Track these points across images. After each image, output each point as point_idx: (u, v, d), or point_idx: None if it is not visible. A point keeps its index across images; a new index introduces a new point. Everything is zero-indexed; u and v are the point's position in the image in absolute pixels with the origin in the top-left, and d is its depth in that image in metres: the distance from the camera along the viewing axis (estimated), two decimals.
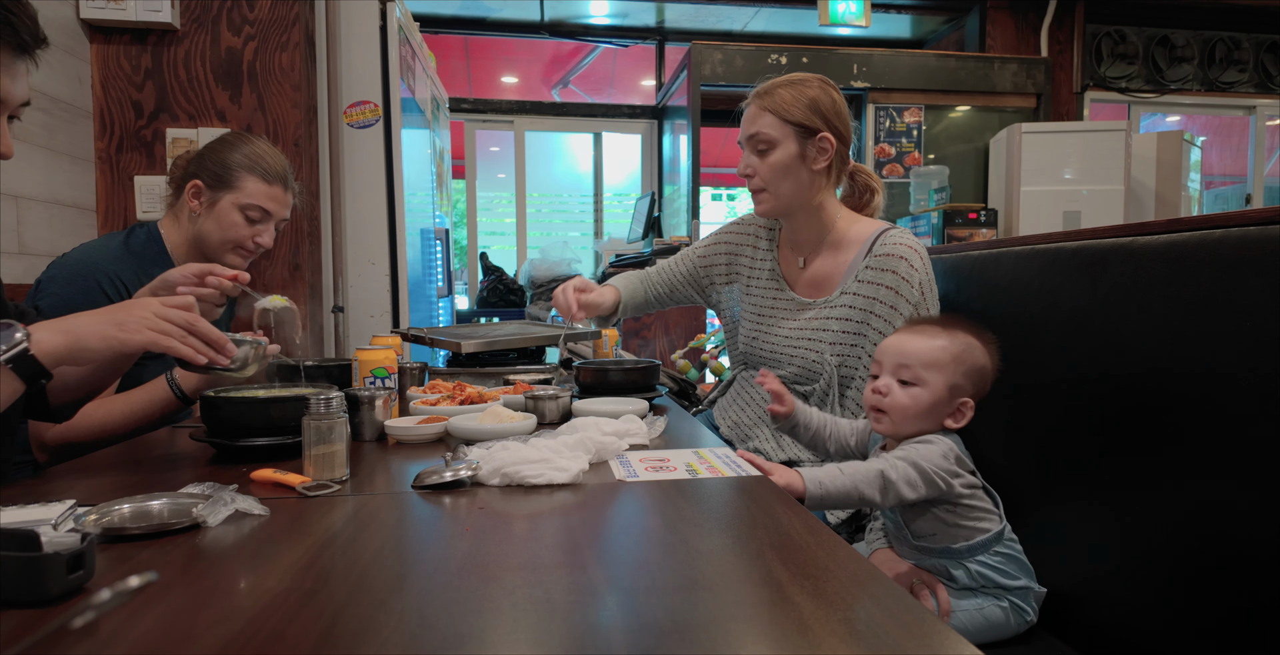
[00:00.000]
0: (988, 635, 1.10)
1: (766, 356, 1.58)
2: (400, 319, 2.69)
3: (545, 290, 4.44)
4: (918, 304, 1.37)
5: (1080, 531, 1.13)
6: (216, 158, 1.58)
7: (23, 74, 0.99)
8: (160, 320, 0.99)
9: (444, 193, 3.79)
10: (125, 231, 1.61)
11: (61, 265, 1.48)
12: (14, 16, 0.95)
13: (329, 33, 2.52)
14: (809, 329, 1.49)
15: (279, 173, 1.61)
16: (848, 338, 1.44)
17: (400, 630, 0.54)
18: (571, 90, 6.05)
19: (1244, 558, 0.88)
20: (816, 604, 0.59)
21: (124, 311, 0.98)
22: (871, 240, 1.45)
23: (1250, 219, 0.91)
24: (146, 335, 0.97)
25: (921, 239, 4.20)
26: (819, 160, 1.46)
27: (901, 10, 4.97)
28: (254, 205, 1.57)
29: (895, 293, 1.38)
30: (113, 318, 0.97)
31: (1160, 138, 4.42)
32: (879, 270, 1.41)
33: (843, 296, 1.46)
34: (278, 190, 1.60)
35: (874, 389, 1.16)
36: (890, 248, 1.41)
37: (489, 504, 0.87)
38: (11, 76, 0.97)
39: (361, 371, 1.45)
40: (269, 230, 1.62)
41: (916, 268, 1.39)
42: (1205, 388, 0.93)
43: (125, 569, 0.66)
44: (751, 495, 0.90)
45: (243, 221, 1.57)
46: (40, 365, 0.93)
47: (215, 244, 1.59)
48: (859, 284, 1.44)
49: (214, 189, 1.57)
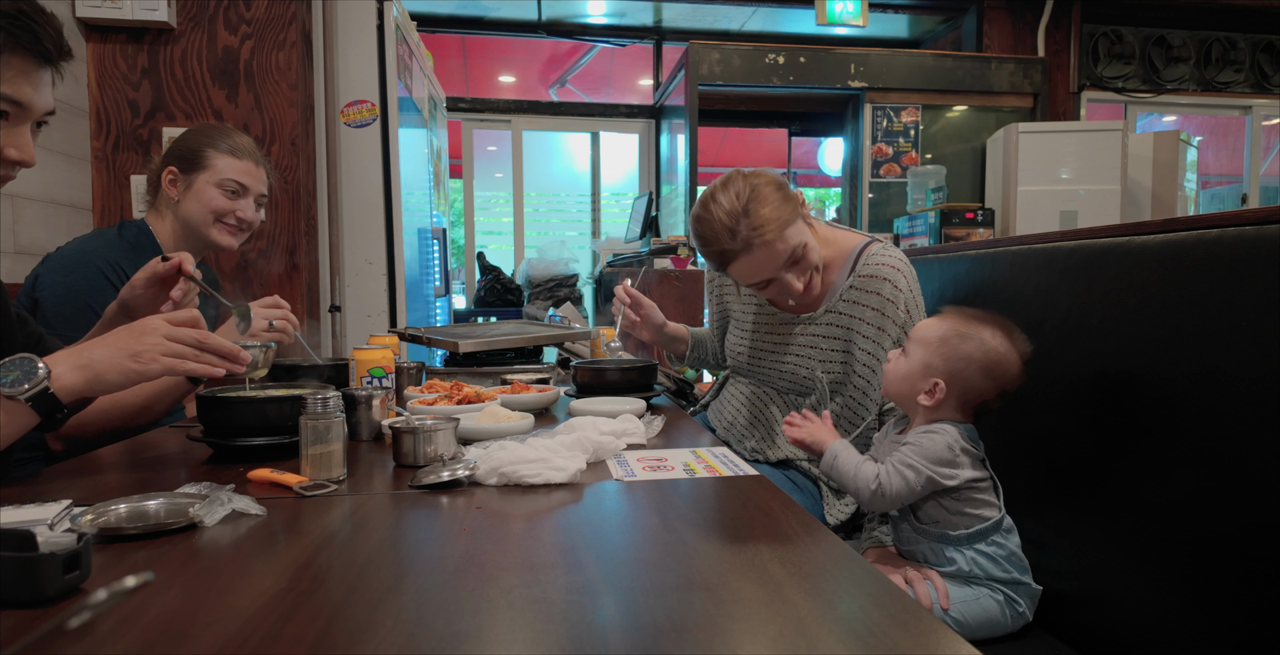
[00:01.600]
0: (983, 629, 1.10)
1: (756, 370, 1.58)
2: (397, 318, 2.69)
3: (542, 289, 4.44)
4: (904, 324, 1.36)
5: (1076, 530, 1.13)
6: (185, 144, 1.66)
7: (46, 83, 1.01)
8: (172, 344, 0.99)
9: (441, 192, 3.79)
10: (115, 227, 1.66)
11: (59, 257, 1.52)
12: (38, 26, 0.96)
13: (326, 32, 2.52)
14: (797, 345, 1.49)
15: (247, 149, 1.68)
16: (836, 355, 1.44)
17: (397, 630, 0.54)
18: (569, 90, 6.04)
19: (1240, 556, 0.88)
20: (814, 603, 0.59)
21: (135, 339, 0.99)
22: (854, 258, 1.44)
23: (1246, 219, 0.91)
24: (163, 363, 0.98)
25: (918, 239, 4.23)
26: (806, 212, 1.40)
27: (899, 10, 4.97)
28: (229, 180, 1.64)
29: (881, 314, 1.37)
30: (127, 348, 0.98)
31: (1156, 138, 4.43)
32: (863, 291, 1.40)
33: (828, 315, 1.45)
34: (248, 164, 1.67)
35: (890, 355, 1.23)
36: (874, 268, 1.39)
37: (486, 504, 0.87)
38: (35, 86, 0.99)
39: (359, 371, 1.45)
40: (249, 204, 1.68)
41: (901, 288, 1.37)
42: (1202, 387, 0.94)
43: (122, 569, 0.66)
44: (749, 495, 0.90)
45: (222, 195, 1.64)
46: (58, 401, 0.94)
47: (199, 221, 1.64)
48: (844, 304, 1.43)
49: (188, 172, 1.64)
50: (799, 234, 1.35)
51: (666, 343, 1.77)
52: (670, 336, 1.75)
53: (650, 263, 3.63)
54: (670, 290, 3.52)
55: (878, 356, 1.38)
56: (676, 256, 3.68)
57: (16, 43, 0.94)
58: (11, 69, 0.95)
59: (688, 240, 3.82)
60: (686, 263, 3.69)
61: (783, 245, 1.33)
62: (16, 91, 0.96)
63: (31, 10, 0.96)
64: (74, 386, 0.95)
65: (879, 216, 4.58)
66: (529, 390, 1.48)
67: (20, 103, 0.97)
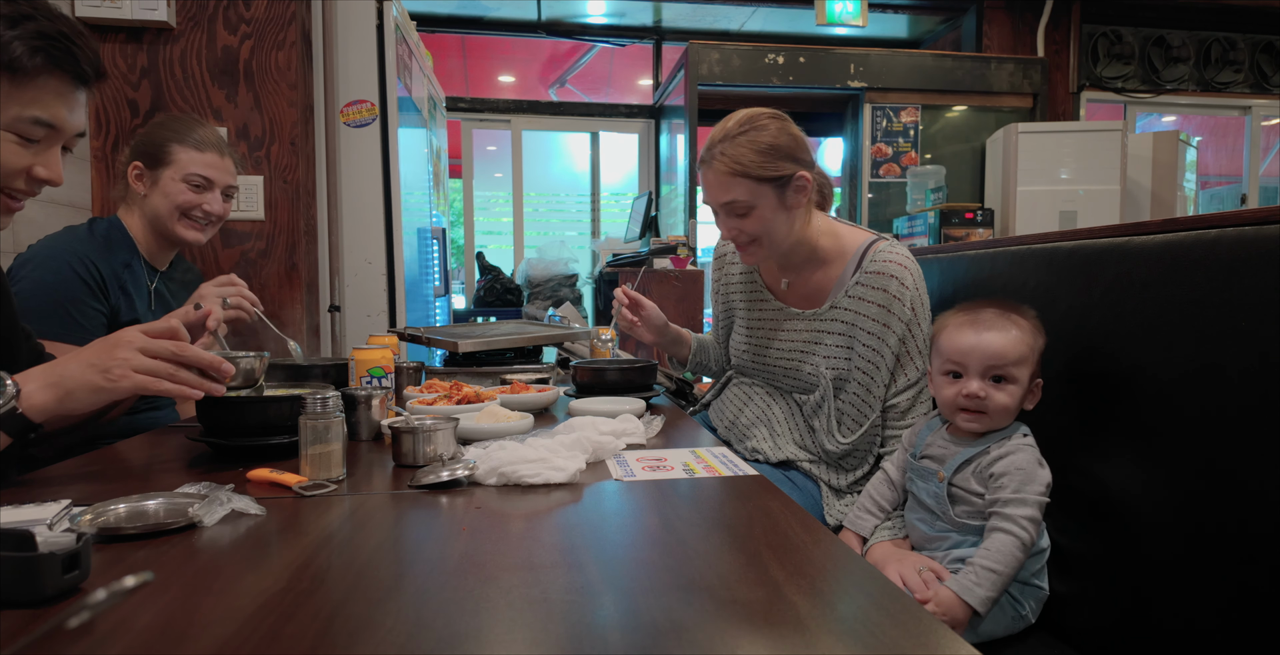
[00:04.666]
0: (986, 632, 1.09)
1: (758, 367, 1.57)
2: (397, 318, 2.69)
3: (542, 289, 4.43)
4: (910, 322, 1.36)
5: (1076, 530, 1.13)
6: (149, 139, 1.67)
7: (81, 105, 1.00)
8: (145, 358, 0.93)
9: (441, 192, 3.79)
10: (86, 223, 1.67)
11: (30, 253, 1.53)
12: (77, 48, 0.95)
13: (325, 31, 2.51)
14: (801, 341, 1.49)
15: (211, 141, 1.68)
16: (840, 351, 1.43)
17: (397, 630, 0.54)
18: (568, 90, 6.04)
19: (1240, 557, 0.88)
20: (813, 603, 0.59)
21: (107, 354, 0.94)
22: (860, 254, 1.43)
23: (1245, 219, 0.91)
24: (134, 380, 0.92)
25: (918, 238, 4.23)
26: (799, 199, 1.40)
27: (898, 10, 4.97)
28: (193, 174, 1.64)
29: (887, 310, 1.37)
30: (98, 363, 0.93)
31: (1156, 138, 4.43)
32: (870, 287, 1.39)
33: (833, 310, 1.44)
34: (212, 157, 1.67)
35: (967, 393, 1.12)
36: (881, 265, 1.39)
37: (486, 503, 0.87)
38: (70, 107, 0.98)
39: (358, 371, 1.45)
40: (215, 197, 1.68)
41: (908, 286, 1.36)
42: (1201, 387, 0.94)
43: (121, 569, 0.66)
44: (748, 495, 0.90)
45: (186, 189, 1.64)
46: (29, 421, 0.90)
47: (165, 215, 1.64)
48: (849, 299, 1.42)
49: (152, 168, 1.65)
50: (749, 193, 1.36)
51: (668, 345, 1.76)
52: (673, 338, 1.74)
53: (650, 263, 3.63)
54: (670, 290, 3.52)
55: (881, 353, 1.37)
56: (676, 256, 3.67)
57: (56, 64, 0.94)
58: (48, 91, 0.95)
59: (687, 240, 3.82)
60: (686, 263, 3.69)
61: (731, 187, 1.36)
62: (53, 114, 0.96)
63: (71, 32, 0.95)
64: (44, 405, 0.91)
65: (878, 216, 4.58)
66: (528, 390, 1.48)
67: (54, 125, 0.97)
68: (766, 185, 1.36)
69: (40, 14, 0.93)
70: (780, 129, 1.37)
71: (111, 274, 1.55)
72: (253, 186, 2.35)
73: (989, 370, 1.12)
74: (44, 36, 0.92)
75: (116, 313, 1.54)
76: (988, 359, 1.12)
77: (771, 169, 1.35)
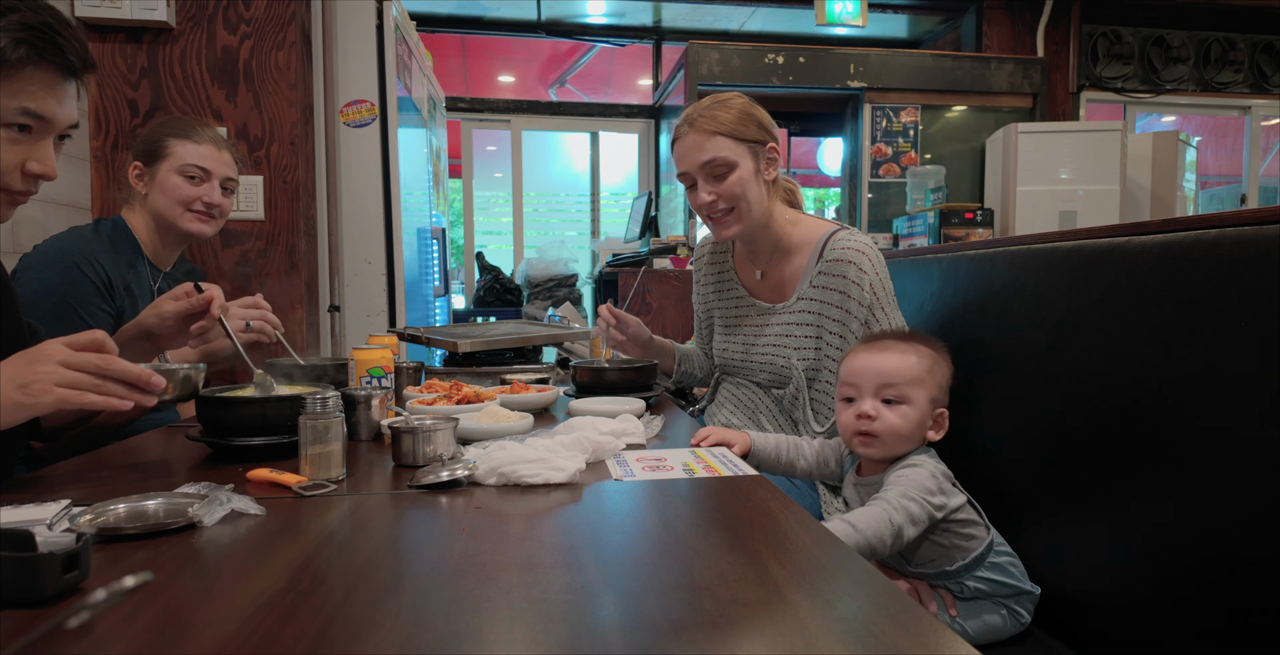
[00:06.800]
0: (985, 637, 1.10)
1: (739, 365, 1.60)
2: (397, 318, 2.69)
3: (542, 289, 4.43)
4: (871, 306, 1.38)
5: (1076, 532, 1.13)
6: (147, 137, 1.69)
7: (70, 96, 1.00)
8: (67, 371, 0.88)
9: (440, 192, 3.79)
10: (92, 223, 1.67)
11: (37, 254, 1.53)
12: (63, 39, 0.95)
13: (325, 31, 2.51)
14: (774, 335, 1.52)
15: (207, 135, 1.69)
16: (810, 342, 1.46)
17: (396, 630, 0.54)
18: (568, 89, 6.04)
19: (1239, 558, 0.88)
20: (813, 603, 0.59)
21: (27, 368, 0.88)
22: (822, 244, 1.46)
23: (1245, 219, 0.91)
24: (55, 394, 0.87)
25: (918, 238, 4.23)
26: (770, 171, 1.47)
27: (898, 10, 4.97)
28: (190, 165, 1.65)
29: (846, 296, 1.40)
30: (17, 378, 0.87)
31: (1156, 138, 4.43)
32: (829, 276, 1.42)
33: (799, 302, 1.48)
34: (209, 149, 1.68)
35: (858, 414, 1.13)
36: (839, 253, 1.42)
37: (486, 503, 0.87)
38: (59, 99, 0.98)
39: (358, 371, 1.44)
40: (215, 189, 1.69)
41: (865, 270, 1.39)
42: (1201, 388, 0.94)
43: (120, 569, 0.66)
44: (748, 495, 0.90)
45: (185, 182, 1.65)
46: None
47: (167, 210, 1.65)
48: (813, 290, 1.45)
49: (150, 164, 1.66)
50: (729, 150, 1.43)
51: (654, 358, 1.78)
52: (658, 351, 1.76)
53: (649, 263, 3.63)
54: (670, 290, 3.52)
55: (847, 339, 1.39)
56: (676, 256, 3.68)
57: (41, 56, 0.93)
58: (35, 82, 0.94)
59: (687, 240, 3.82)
60: (686, 263, 3.69)
61: (711, 145, 1.42)
62: (40, 105, 0.96)
63: (56, 23, 0.94)
64: None
65: (878, 216, 4.59)
66: (528, 390, 1.48)
67: (43, 116, 0.97)
68: (744, 146, 1.43)
69: (24, 5, 0.92)
70: (749, 103, 1.49)
71: (118, 275, 1.55)
72: (252, 186, 2.35)
73: (880, 390, 1.13)
74: (28, 28, 0.91)
75: (122, 314, 1.54)
76: (879, 377, 1.13)
77: (748, 132, 1.43)
